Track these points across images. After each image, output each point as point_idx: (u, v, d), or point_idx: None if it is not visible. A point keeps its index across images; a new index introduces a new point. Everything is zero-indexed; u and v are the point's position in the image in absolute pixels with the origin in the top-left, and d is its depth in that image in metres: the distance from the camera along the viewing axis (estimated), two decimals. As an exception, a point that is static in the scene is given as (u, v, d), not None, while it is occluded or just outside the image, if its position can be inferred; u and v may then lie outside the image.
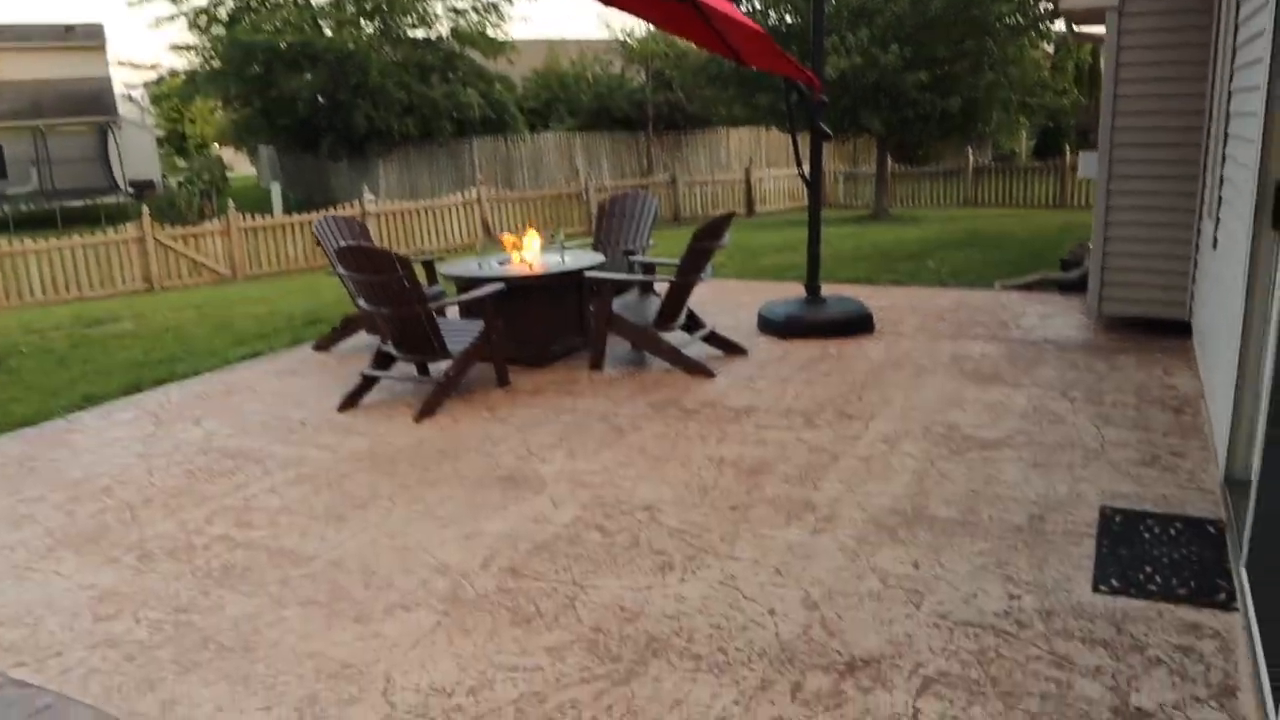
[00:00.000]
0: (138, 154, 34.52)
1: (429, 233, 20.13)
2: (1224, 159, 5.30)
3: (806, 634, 3.23)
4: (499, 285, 6.37)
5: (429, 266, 7.96)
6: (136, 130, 34.71)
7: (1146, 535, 3.84)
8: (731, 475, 4.68)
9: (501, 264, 7.24)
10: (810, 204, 7.62)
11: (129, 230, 16.74)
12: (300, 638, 3.37)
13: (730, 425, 5.42)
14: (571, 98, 29.17)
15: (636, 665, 3.10)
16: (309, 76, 23.47)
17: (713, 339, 7.01)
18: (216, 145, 44.77)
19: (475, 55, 26.55)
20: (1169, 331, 7.04)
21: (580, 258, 7.35)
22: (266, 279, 17.59)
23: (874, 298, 8.93)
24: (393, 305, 5.98)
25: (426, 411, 5.90)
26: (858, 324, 7.49)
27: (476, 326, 6.35)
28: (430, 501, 4.55)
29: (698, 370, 6.46)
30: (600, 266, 7.18)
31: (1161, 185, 6.82)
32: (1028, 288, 9.19)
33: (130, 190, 30.87)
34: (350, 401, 6.22)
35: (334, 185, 27.03)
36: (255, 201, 26.03)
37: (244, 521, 4.42)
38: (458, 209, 20.58)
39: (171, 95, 34.66)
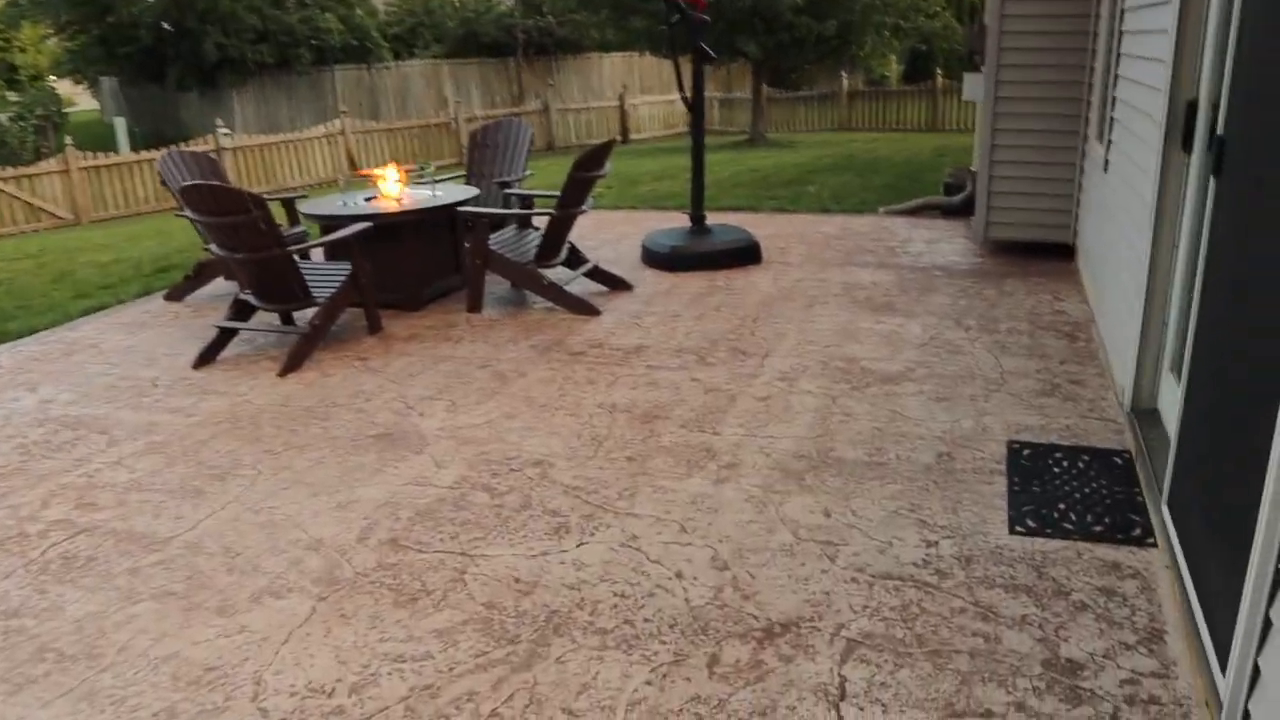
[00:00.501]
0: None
1: (290, 168, 19.06)
2: (1116, 80, 5.19)
3: (719, 598, 3.00)
4: (365, 224, 5.88)
5: (289, 206, 7.37)
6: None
7: (1056, 470, 3.73)
8: (625, 422, 4.40)
9: (368, 201, 6.73)
10: (694, 130, 7.31)
11: (-49, 172, 15.29)
12: (154, 639, 2.97)
13: (620, 368, 5.14)
14: (437, 23, 27.95)
15: (537, 646, 2.82)
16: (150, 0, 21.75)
17: (596, 274, 6.68)
18: (52, 77, 41.55)
19: (332, -23, 25.10)
20: (1052, 255, 7.04)
21: (453, 191, 6.89)
22: (114, 223, 16.37)
23: (758, 225, 8.72)
24: (248, 250, 5.45)
25: (291, 365, 5.43)
26: (745, 254, 7.27)
27: (343, 270, 5.87)
28: (299, 468, 4.14)
29: (582, 309, 6.14)
30: (474, 200, 6.74)
31: (1046, 108, 6.74)
32: (911, 213, 9.12)
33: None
34: (206, 357, 5.69)
35: (185, 119, 25.34)
36: (99, 138, 24.23)
37: (87, 502, 3.93)
38: (320, 142, 19.53)
39: (-5, 22, 31.84)
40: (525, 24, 25.82)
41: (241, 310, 5.86)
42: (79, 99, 45.91)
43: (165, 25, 22.31)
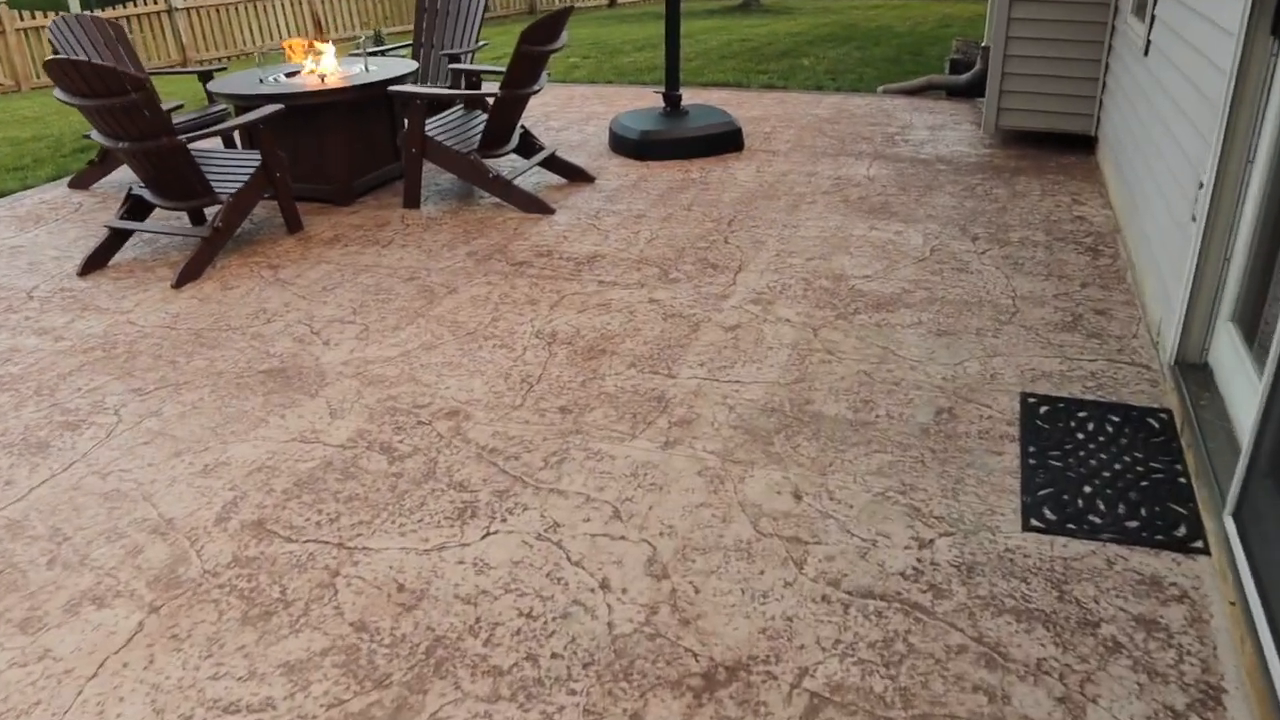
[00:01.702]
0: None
1: (251, 31, 17.75)
2: (1168, -62, 4.29)
3: (651, 623, 2.34)
4: (276, 106, 5.03)
5: (206, 79, 6.47)
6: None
7: (1079, 435, 3.05)
8: (565, 358, 3.68)
9: (289, 77, 5.83)
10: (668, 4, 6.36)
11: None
12: (-80, 669, 2.32)
13: (568, 283, 4.39)
14: None
15: (410, 693, 2.17)
16: None
17: (554, 164, 5.85)
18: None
19: None
20: (1070, 147, 6.22)
21: (390, 67, 5.99)
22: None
23: (744, 106, 7.84)
24: (132, 138, 4.62)
25: (189, 275, 4.67)
26: (725, 140, 6.42)
27: (254, 160, 5.04)
28: (168, 414, 3.44)
29: (533, 206, 5.34)
30: (412, 76, 5.86)
31: (1075, -28, 5.81)
32: (914, 92, 8.21)
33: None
34: (94, 263, 4.92)
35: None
36: (48, -6, 22.65)
37: (-100, 457, 3.24)
38: (284, 3, 18.15)
39: None
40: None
41: (137, 207, 5.07)
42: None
43: None
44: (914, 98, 8.07)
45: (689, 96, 7.88)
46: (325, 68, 5.73)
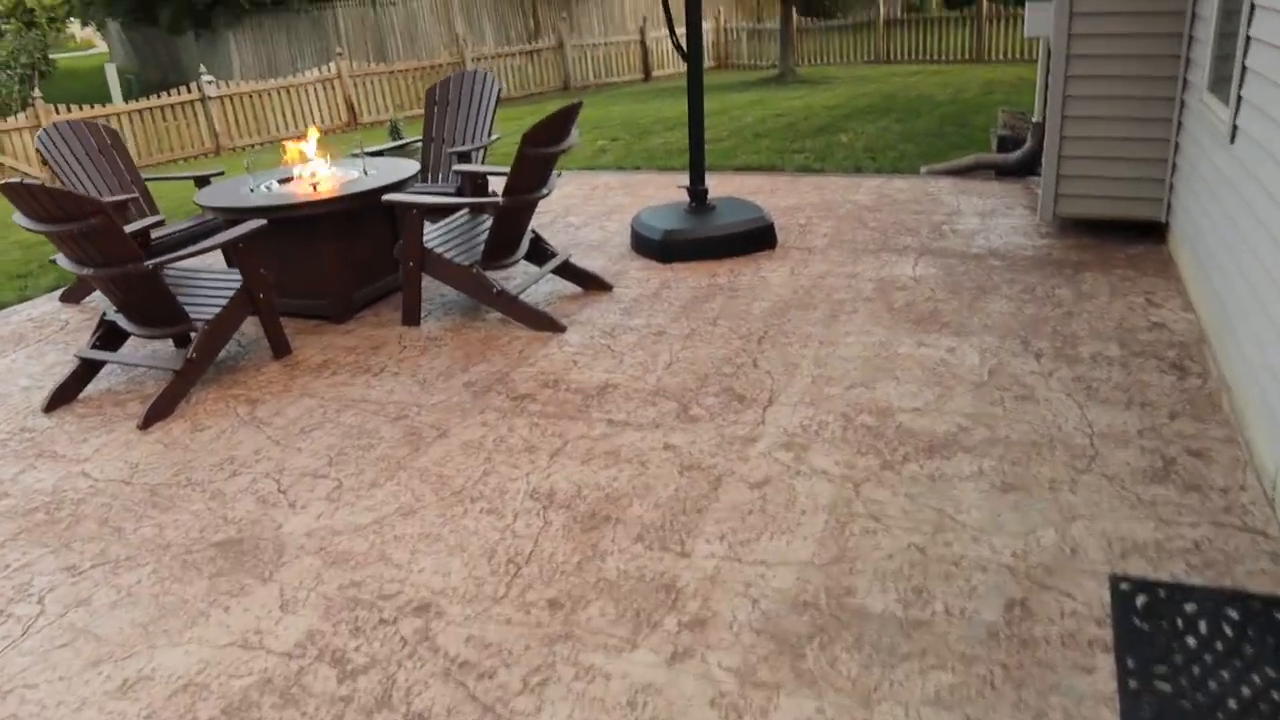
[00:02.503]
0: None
1: (285, 117, 17.76)
2: (1253, 11, 3.74)
3: None
4: (257, 222, 4.61)
5: (202, 184, 6.13)
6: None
7: (1191, 640, 2.43)
8: (561, 528, 3.14)
9: (282, 184, 5.44)
10: (690, 84, 5.91)
11: (-87, 131, 14.18)
12: None
13: (573, 423, 3.86)
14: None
15: None
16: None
17: (568, 271, 5.37)
18: (75, 20, 40.30)
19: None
20: (1137, 234, 5.62)
21: (391, 169, 5.58)
22: (90, 180, 15.23)
23: (779, 193, 7.35)
24: (99, 264, 4.22)
25: (157, 414, 4.23)
26: (756, 238, 5.91)
27: (236, 280, 4.62)
28: (99, 604, 2.94)
29: (541, 323, 4.85)
30: (414, 179, 5.44)
31: (1136, 47, 5.27)
32: (960, 173, 7.66)
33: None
34: (62, 396, 4.51)
35: (186, 64, 24.09)
36: (97, 87, 23.04)
37: None
38: (317, 88, 18.16)
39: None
40: (539, -48, 24.10)
41: (111, 334, 4.66)
42: (99, 43, 44.79)
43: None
44: (960, 178, 7.53)
45: (720, 183, 7.45)
46: (319, 174, 5.33)
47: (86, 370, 4.58)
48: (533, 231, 5.33)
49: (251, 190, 5.30)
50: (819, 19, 21.61)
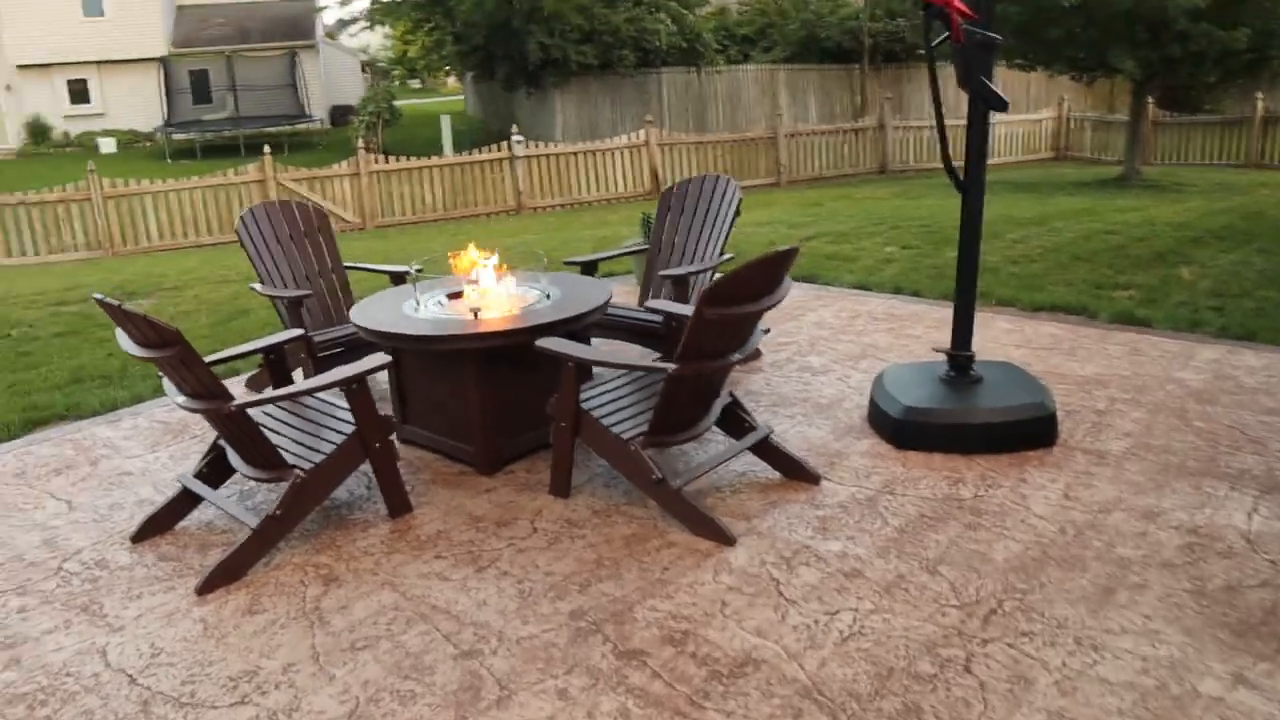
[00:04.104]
0: (341, 79, 34.10)
1: (587, 181, 17.82)
2: None
3: None
4: (377, 360, 3.86)
5: (398, 281, 5.59)
6: (340, 54, 34.24)
7: None
8: None
9: (453, 299, 4.72)
10: (963, 226, 4.60)
11: (250, 172, 15.33)
12: None
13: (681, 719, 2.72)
14: (786, 24, 25.80)
15: None
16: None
17: (767, 451, 4.23)
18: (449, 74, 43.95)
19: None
20: None
21: (579, 294, 4.70)
22: (397, 230, 15.84)
23: (1079, 353, 5.80)
24: (187, 394, 3.62)
25: (222, 577, 3.56)
26: (1027, 432, 4.47)
27: (350, 422, 3.88)
28: None
29: (705, 529, 3.74)
30: (601, 310, 4.53)
31: None
32: (1344, 356, 5.71)
33: (316, 118, 30.28)
34: (156, 525, 3.98)
35: (520, 119, 25.20)
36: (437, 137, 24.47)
37: None
38: (623, 154, 18.11)
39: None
40: (873, 28, 23.06)
41: (220, 462, 4.07)
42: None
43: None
44: (1344, 363, 5.60)
45: (1008, 328, 6.05)
46: (488, 295, 4.54)
47: (186, 500, 4.01)
48: (730, 394, 4.24)
49: (416, 306, 4.60)
50: (1181, 112, 18.89)
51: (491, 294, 4.53)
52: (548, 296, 4.64)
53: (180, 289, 9.79)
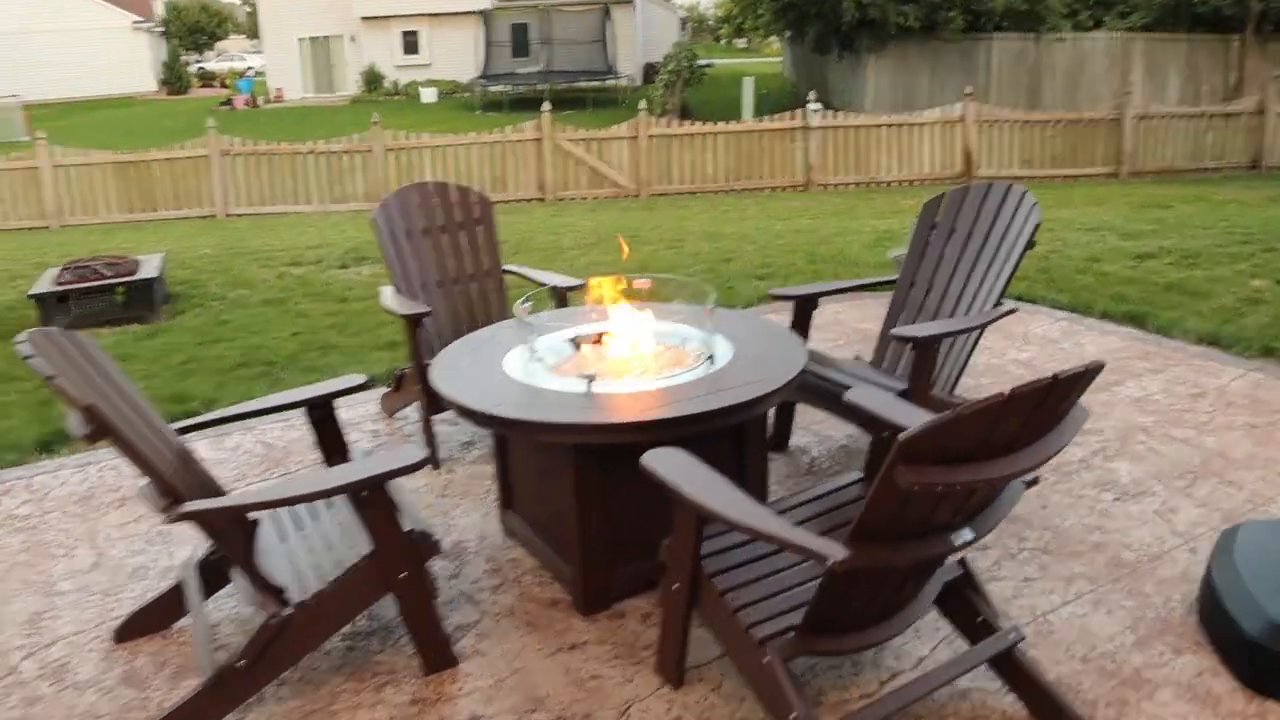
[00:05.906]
0: (660, 36, 33.58)
1: (887, 158, 15.86)
2: None
3: None
4: (405, 457, 2.58)
5: (561, 302, 4.37)
6: (661, 11, 33.71)
7: None
8: None
9: (596, 343, 3.37)
10: None
11: (526, 131, 14.75)
12: None
13: None
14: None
15: None
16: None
17: (1007, 670, 2.58)
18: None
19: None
20: None
21: (758, 352, 3.21)
22: (667, 201, 14.76)
23: None
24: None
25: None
26: None
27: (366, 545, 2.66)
28: None
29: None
30: (773, 396, 3.02)
31: None
32: None
33: (624, 75, 29.84)
34: (143, 622, 2.98)
35: (832, 84, 23.40)
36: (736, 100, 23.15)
37: None
38: (932, 129, 15.95)
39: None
40: (1268, -9, 19.13)
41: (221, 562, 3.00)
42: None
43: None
44: None
45: None
46: (626, 347, 3.15)
47: (175, 597, 2.98)
48: (961, 565, 2.63)
49: (531, 355, 3.29)
50: None
51: (624, 351, 3.13)
52: (710, 359, 3.18)
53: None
